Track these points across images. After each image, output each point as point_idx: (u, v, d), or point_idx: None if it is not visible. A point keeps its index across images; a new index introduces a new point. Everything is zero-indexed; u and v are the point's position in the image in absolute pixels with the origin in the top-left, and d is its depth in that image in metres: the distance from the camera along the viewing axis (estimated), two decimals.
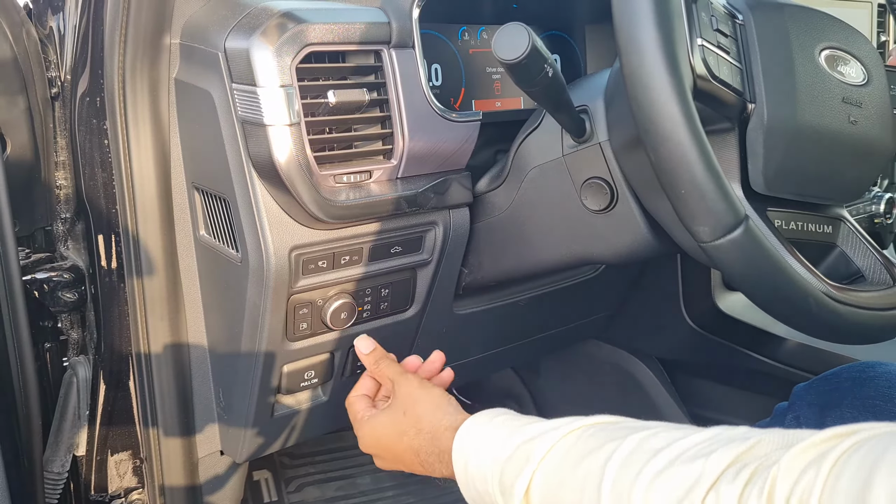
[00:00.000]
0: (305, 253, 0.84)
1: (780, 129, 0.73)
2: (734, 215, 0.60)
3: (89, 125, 0.94)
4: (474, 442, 0.68)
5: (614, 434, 0.58)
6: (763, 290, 0.65)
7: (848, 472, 0.42)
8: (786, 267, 0.63)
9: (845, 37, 0.79)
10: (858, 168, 0.79)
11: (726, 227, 0.60)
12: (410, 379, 0.79)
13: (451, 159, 0.91)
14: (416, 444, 0.73)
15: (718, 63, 0.69)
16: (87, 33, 0.90)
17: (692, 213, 0.60)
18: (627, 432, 0.57)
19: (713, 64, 0.68)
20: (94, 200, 0.98)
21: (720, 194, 0.59)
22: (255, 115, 0.76)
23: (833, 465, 0.43)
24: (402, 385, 0.78)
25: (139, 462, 1.08)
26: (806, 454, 0.45)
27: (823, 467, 0.43)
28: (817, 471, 0.43)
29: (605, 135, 0.82)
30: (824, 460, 0.44)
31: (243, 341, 0.91)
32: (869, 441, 0.43)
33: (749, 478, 0.46)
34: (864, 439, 0.44)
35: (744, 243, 0.60)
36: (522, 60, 0.67)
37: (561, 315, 1.29)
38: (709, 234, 0.60)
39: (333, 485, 1.52)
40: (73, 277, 1.01)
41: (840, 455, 0.44)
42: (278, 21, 0.76)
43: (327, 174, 0.82)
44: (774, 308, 0.67)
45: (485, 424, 0.69)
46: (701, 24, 0.67)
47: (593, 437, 0.60)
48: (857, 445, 0.44)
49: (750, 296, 0.66)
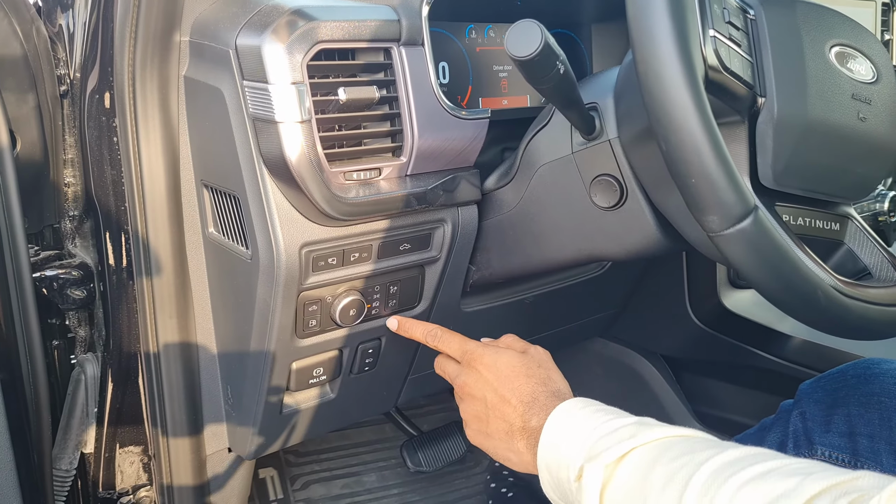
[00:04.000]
0: (316, 250, 0.84)
1: (789, 123, 0.73)
2: (744, 205, 0.60)
3: (99, 122, 0.94)
4: (563, 427, 0.70)
5: (710, 445, 0.59)
6: (772, 281, 0.65)
7: None
8: (795, 259, 0.63)
9: (855, 34, 0.79)
10: (866, 165, 0.79)
11: (736, 217, 0.60)
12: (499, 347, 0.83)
13: (459, 157, 0.91)
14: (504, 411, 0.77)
15: (730, 55, 0.69)
16: (97, 31, 0.91)
17: (702, 202, 0.60)
18: (724, 448, 0.58)
19: (725, 56, 0.68)
20: (102, 198, 0.98)
21: (730, 184, 0.59)
22: (266, 112, 0.76)
23: None
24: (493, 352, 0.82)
25: (147, 459, 1.08)
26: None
27: None
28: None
29: (615, 132, 0.82)
30: None
31: (252, 338, 0.91)
32: None
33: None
34: None
35: (753, 233, 0.60)
36: (535, 57, 0.67)
37: (567, 313, 1.29)
38: (718, 223, 0.60)
39: (339, 482, 1.52)
40: (81, 275, 1.02)
41: None
42: (289, 18, 0.76)
43: (337, 171, 0.82)
44: (783, 300, 0.67)
45: (577, 411, 0.71)
46: (713, 16, 0.68)
47: (689, 442, 0.61)
48: None
49: (758, 287, 0.66)
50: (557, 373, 0.82)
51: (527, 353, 0.83)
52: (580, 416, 0.69)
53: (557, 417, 0.71)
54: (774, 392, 1.30)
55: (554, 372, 0.81)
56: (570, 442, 0.67)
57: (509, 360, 0.80)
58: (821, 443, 0.93)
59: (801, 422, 0.96)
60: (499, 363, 0.80)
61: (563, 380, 0.81)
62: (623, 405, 0.72)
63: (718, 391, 1.43)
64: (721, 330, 1.33)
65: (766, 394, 1.34)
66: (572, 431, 0.68)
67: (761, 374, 1.31)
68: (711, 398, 1.44)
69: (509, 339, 0.88)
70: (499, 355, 0.81)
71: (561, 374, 0.82)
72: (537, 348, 0.85)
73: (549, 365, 0.82)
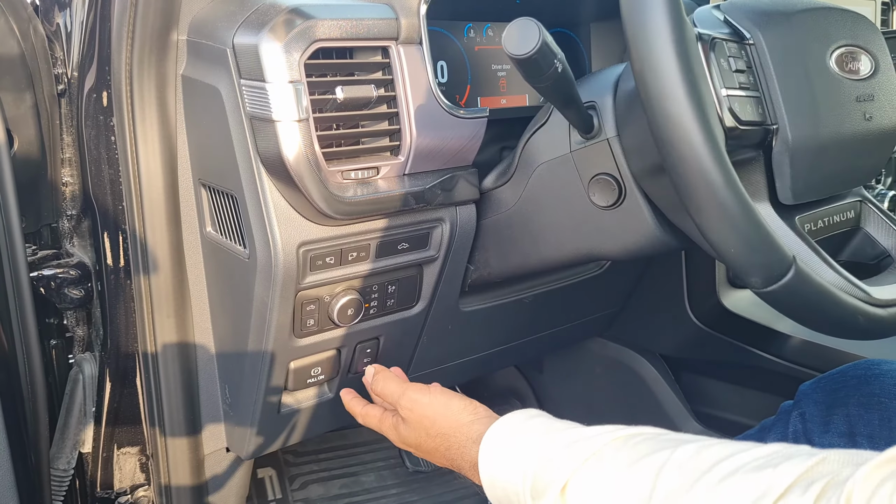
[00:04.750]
0: (313, 249, 0.84)
1: (804, 147, 0.75)
2: (784, 263, 0.63)
3: (96, 121, 0.94)
4: (504, 445, 0.69)
5: (664, 444, 0.59)
6: (817, 319, 0.70)
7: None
8: (835, 295, 0.67)
9: (851, 30, 0.80)
10: (876, 156, 0.83)
11: (778, 276, 0.63)
12: (414, 395, 0.80)
13: (458, 156, 0.91)
14: (448, 456, 0.76)
15: (742, 105, 0.72)
16: (95, 30, 0.91)
17: (744, 267, 0.64)
18: (678, 443, 0.58)
19: (739, 110, 0.71)
20: (100, 197, 0.98)
21: (769, 247, 0.62)
22: (263, 111, 0.76)
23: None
24: (410, 405, 0.80)
25: (145, 459, 1.08)
26: (881, 470, 0.45)
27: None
28: (893, 486, 0.44)
29: (614, 131, 0.82)
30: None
31: (250, 338, 0.91)
32: None
33: (821, 492, 0.47)
34: None
35: (796, 285, 0.64)
36: (533, 55, 0.67)
37: (565, 312, 1.29)
38: (762, 283, 0.64)
39: (337, 482, 1.52)
40: (79, 274, 1.02)
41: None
42: (287, 17, 0.76)
43: (335, 170, 0.82)
44: (826, 330, 0.73)
45: (517, 426, 0.70)
46: (723, 74, 0.71)
47: (642, 444, 0.60)
48: None
49: (804, 324, 0.71)
50: (441, 421, 0.78)
51: (410, 426, 0.80)
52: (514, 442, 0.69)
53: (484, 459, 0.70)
54: (774, 392, 1.30)
55: (439, 423, 0.78)
56: (511, 471, 0.66)
57: (404, 441, 0.81)
58: (820, 444, 0.92)
59: (801, 423, 0.96)
60: (400, 444, 0.82)
61: (451, 423, 0.77)
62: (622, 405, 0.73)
63: (717, 391, 1.43)
64: (720, 330, 1.32)
65: (765, 394, 1.33)
66: (509, 463, 0.67)
67: (761, 374, 1.31)
68: (710, 398, 1.43)
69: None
70: (392, 438, 0.83)
71: (443, 411, 0.78)
72: (409, 406, 0.81)
73: (428, 424, 0.79)
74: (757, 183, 0.78)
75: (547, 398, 1.66)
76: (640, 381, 1.44)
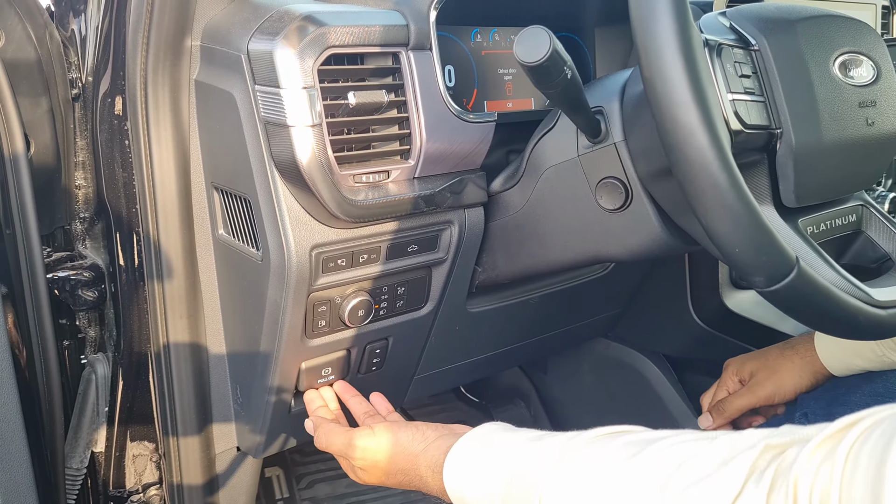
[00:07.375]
0: (325, 251, 0.85)
1: (807, 152, 0.77)
2: (787, 263, 0.64)
3: (110, 125, 0.95)
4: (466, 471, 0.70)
5: (627, 449, 0.59)
6: (818, 319, 0.72)
7: (862, 461, 0.43)
8: (836, 295, 0.68)
9: (854, 37, 0.81)
10: (878, 161, 0.85)
11: (781, 276, 0.64)
12: (360, 443, 0.81)
13: (466, 159, 0.93)
14: (414, 485, 0.77)
15: (748, 109, 0.73)
16: (110, 35, 0.92)
17: (748, 267, 0.65)
18: (643, 445, 0.58)
19: (744, 113, 0.73)
20: (113, 200, 0.99)
21: (773, 247, 0.64)
22: (277, 116, 0.77)
23: (846, 457, 0.45)
24: (361, 455, 0.81)
25: (157, 458, 1.09)
26: (820, 449, 0.47)
27: (837, 461, 0.45)
28: (832, 465, 0.45)
29: (621, 135, 0.83)
30: (837, 454, 0.45)
31: (262, 339, 0.92)
32: (877, 426, 0.45)
33: (771, 484, 0.48)
34: (870, 426, 0.46)
35: (798, 285, 0.65)
36: (544, 63, 0.68)
37: (571, 313, 1.30)
38: (765, 283, 0.65)
39: (344, 481, 1.53)
40: (93, 276, 1.03)
41: (851, 445, 0.45)
42: (300, 24, 0.77)
43: (347, 174, 0.83)
44: (827, 330, 0.76)
45: (476, 450, 0.71)
46: (729, 78, 0.72)
47: (603, 449, 0.61)
48: (865, 433, 0.45)
49: (806, 324, 0.74)
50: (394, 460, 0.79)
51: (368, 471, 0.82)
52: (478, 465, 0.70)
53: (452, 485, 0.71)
54: None
55: (394, 462, 0.79)
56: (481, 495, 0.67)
57: (370, 479, 0.83)
58: None
59: (805, 421, 0.97)
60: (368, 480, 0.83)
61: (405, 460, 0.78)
62: (626, 405, 0.74)
63: None
64: (723, 330, 1.34)
65: None
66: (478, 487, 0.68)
67: None
68: None
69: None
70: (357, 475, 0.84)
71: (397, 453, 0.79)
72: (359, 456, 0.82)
73: (382, 466, 0.80)
74: (761, 186, 0.79)
75: (550, 398, 1.67)
76: (643, 381, 1.45)
